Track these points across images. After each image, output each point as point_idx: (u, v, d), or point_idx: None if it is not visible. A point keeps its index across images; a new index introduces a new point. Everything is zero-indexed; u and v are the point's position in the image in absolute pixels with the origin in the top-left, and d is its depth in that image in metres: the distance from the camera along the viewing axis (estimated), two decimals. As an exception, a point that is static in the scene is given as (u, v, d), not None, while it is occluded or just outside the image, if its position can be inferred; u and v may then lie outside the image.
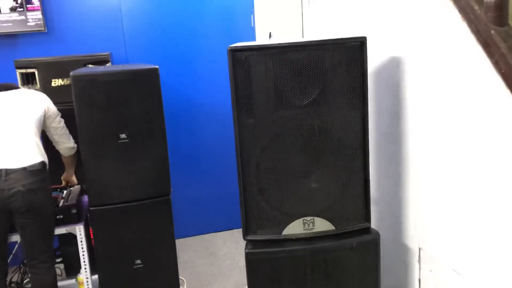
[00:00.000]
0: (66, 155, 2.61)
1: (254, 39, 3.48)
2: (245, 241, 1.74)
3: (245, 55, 1.58)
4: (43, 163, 2.28)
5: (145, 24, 3.33)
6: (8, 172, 2.14)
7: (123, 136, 2.48)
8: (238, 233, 3.71)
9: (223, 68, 3.50)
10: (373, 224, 2.15)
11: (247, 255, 1.70)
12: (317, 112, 1.65)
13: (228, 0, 3.44)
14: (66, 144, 2.57)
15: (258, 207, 1.71)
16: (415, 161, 1.81)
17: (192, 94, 3.49)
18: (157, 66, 2.47)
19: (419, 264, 1.83)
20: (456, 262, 1.61)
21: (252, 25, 3.50)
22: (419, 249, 1.83)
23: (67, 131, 2.57)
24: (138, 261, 2.64)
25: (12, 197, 2.14)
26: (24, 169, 2.18)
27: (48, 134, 2.52)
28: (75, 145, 2.59)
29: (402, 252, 1.95)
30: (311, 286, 1.73)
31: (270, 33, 3.05)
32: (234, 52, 1.60)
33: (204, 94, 3.52)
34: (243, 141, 1.67)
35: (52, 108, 2.49)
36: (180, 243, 3.63)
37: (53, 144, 2.55)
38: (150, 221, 2.63)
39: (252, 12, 3.48)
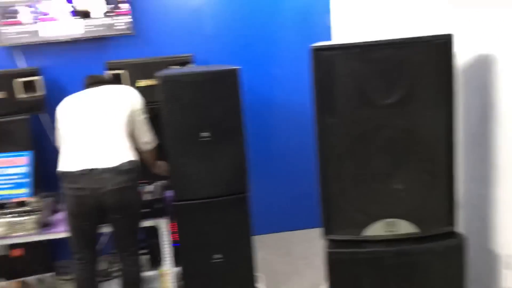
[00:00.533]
0: (143, 149, 2.60)
1: (329, 39, 3.46)
2: (325, 241, 1.75)
3: (329, 54, 1.59)
4: (133, 162, 2.39)
5: (225, 25, 3.42)
6: (101, 171, 2.28)
7: (205, 134, 2.57)
8: (313, 232, 3.70)
9: (299, 68, 3.54)
10: (458, 228, 2.08)
11: (329, 255, 1.71)
12: (401, 112, 1.62)
13: (304, 0, 3.45)
14: (143, 138, 2.58)
15: (339, 207, 1.71)
16: (506, 164, 1.72)
17: (270, 94, 3.54)
18: (238, 67, 2.54)
19: (507, 272, 1.74)
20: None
21: (328, 24, 3.49)
22: (509, 256, 1.74)
23: (148, 127, 2.60)
24: (218, 256, 2.72)
25: (104, 195, 2.28)
26: (116, 168, 2.30)
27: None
28: (153, 142, 2.63)
29: (489, 258, 1.86)
30: (393, 288, 1.70)
31: (347, 33, 3.03)
32: (318, 51, 1.61)
33: (282, 94, 3.56)
34: (324, 141, 1.67)
35: (139, 102, 2.56)
36: (258, 240, 3.70)
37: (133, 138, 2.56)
38: (229, 217, 2.71)
39: (328, 11, 3.47)
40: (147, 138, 2.59)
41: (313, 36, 3.46)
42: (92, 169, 2.27)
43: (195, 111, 2.54)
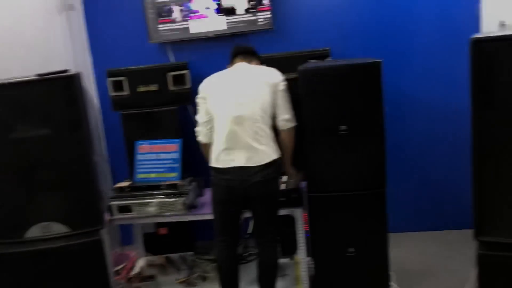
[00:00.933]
0: (281, 128, 2.56)
1: (477, 30, 3.23)
2: (477, 242, 1.66)
3: (493, 46, 1.50)
4: (275, 157, 2.49)
5: (362, 18, 3.38)
6: (250, 168, 2.42)
7: (343, 128, 2.58)
8: (449, 234, 3.53)
9: (442, 62, 3.37)
10: None
11: (480, 258, 1.62)
12: None
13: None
14: (283, 115, 2.54)
15: (495, 208, 1.61)
16: None
17: (410, 89, 3.42)
18: (380, 60, 2.50)
19: None
20: None
21: (477, 14, 3.26)
22: None
23: (288, 104, 2.56)
24: (351, 249, 2.72)
25: (252, 186, 2.43)
26: (264, 164, 2.43)
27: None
28: (293, 120, 2.57)
29: None
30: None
31: (502, 22, 2.80)
32: (480, 43, 1.53)
33: (423, 89, 3.42)
34: (483, 138, 1.58)
35: (281, 80, 2.56)
36: (391, 238, 3.63)
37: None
38: (364, 212, 2.69)
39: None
40: (288, 115, 2.55)
41: (457, 28, 3.28)
42: (243, 167, 2.43)
43: (335, 104, 2.56)
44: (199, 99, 2.61)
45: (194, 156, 2.88)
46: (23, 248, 2.32)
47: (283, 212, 2.71)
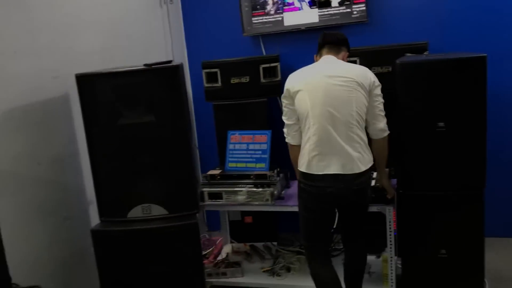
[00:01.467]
0: (375, 137, 2.42)
1: None
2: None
3: None
4: (371, 165, 2.35)
5: (461, 12, 3.22)
6: (345, 176, 2.26)
7: (441, 124, 2.49)
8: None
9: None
10: None
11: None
12: None
13: None
14: (377, 124, 2.38)
15: None
16: None
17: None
18: (484, 54, 2.37)
19: None
20: None
21: None
22: None
23: (383, 112, 2.39)
24: (443, 251, 2.63)
25: (345, 195, 2.30)
26: (359, 172, 2.28)
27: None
28: (387, 128, 2.42)
29: None
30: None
31: None
32: None
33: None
34: None
35: (377, 84, 2.37)
36: (487, 242, 3.46)
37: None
38: (460, 214, 2.58)
39: None
40: (383, 124, 2.39)
41: None
42: (337, 174, 2.27)
43: (433, 100, 2.47)
44: (284, 98, 2.45)
45: (281, 147, 2.91)
46: (126, 227, 2.48)
47: (372, 208, 2.67)
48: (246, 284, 3.02)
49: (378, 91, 2.38)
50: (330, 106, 2.26)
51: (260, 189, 2.83)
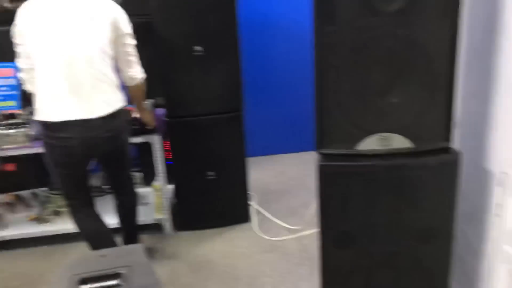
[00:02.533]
0: (128, 84, 2.24)
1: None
2: (318, 154, 1.72)
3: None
4: (121, 105, 2.13)
5: None
6: (92, 120, 2.00)
7: (198, 48, 2.48)
8: (307, 155, 3.72)
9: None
10: (454, 145, 2.05)
11: (320, 168, 1.69)
12: (405, 20, 1.52)
13: None
14: (129, 71, 2.18)
15: (334, 120, 1.66)
16: (507, 81, 1.66)
17: (268, 9, 3.39)
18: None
19: (499, 188, 1.74)
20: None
21: None
22: (502, 173, 1.72)
23: (136, 58, 2.18)
24: (211, 173, 2.73)
25: (97, 143, 2.06)
26: (109, 114, 2.04)
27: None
28: (141, 76, 2.23)
29: (482, 176, 1.85)
30: (384, 203, 1.70)
31: None
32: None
33: (280, 10, 3.41)
34: (322, 51, 1.59)
35: (126, 23, 2.11)
36: (252, 161, 3.72)
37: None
38: (223, 135, 2.69)
39: None
40: (134, 72, 2.19)
41: None
42: (83, 120, 1.99)
43: (188, 25, 2.44)
44: (15, 37, 2.02)
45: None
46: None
47: (139, 139, 2.59)
48: (11, 236, 2.71)
49: (126, 29, 2.11)
50: (68, 43, 1.97)
51: (12, 131, 2.50)
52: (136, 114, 2.50)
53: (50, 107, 2.00)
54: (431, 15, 1.55)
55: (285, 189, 3.26)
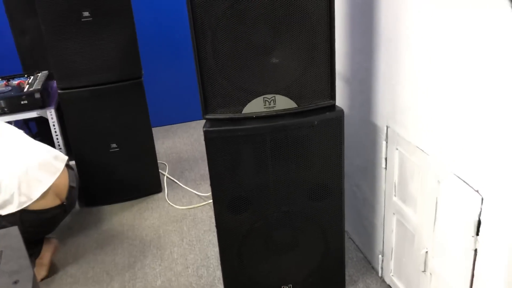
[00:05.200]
0: None
1: None
2: (205, 120, 1.68)
3: None
4: None
5: None
6: None
7: (86, 14, 2.33)
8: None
9: None
10: (345, 103, 2.08)
11: (206, 134, 1.65)
12: (276, -24, 1.48)
13: None
14: None
15: (217, 84, 1.62)
16: (388, 34, 1.67)
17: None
18: None
19: (386, 142, 1.78)
20: (421, 140, 1.56)
21: None
22: (387, 127, 1.76)
23: None
24: (114, 145, 2.63)
25: None
26: None
27: None
28: None
29: (371, 131, 1.89)
30: (273, 164, 1.69)
31: None
32: None
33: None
34: (197, 11, 1.52)
35: None
36: (163, 130, 3.64)
37: None
38: (124, 105, 2.58)
39: None
40: None
41: None
42: None
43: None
44: None
45: None
46: None
47: (31, 114, 2.43)
48: None
49: None
50: None
51: None
52: (25, 88, 2.34)
53: None
54: (305, -30, 1.51)
55: (199, 156, 3.21)
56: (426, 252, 1.61)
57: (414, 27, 1.49)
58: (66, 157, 2.29)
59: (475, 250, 1.35)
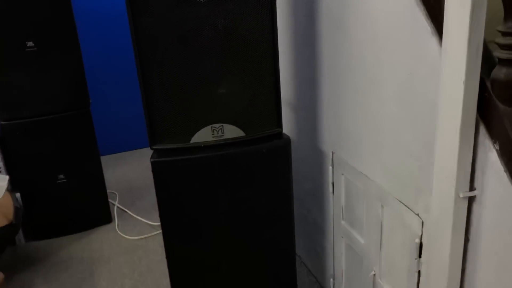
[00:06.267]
0: None
1: None
2: (152, 151, 1.67)
3: None
4: None
5: None
6: None
7: (30, 44, 2.29)
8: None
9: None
10: (293, 130, 2.12)
11: (153, 165, 1.64)
12: (220, 10, 1.51)
13: None
14: None
15: (164, 115, 1.62)
16: (330, 63, 1.73)
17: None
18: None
19: (332, 167, 1.83)
20: (364, 165, 1.61)
21: None
22: (332, 153, 1.81)
23: None
24: (61, 176, 2.56)
25: None
26: None
27: None
28: None
29: (319, 156, 1.94)
30: (222, 193, 1.70)
31: None
32: None
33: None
34: (142, 44, 1.53)
35: None
36: (115, 157, 3.58)
37: None
38: (70, 135, 2.53)
39: None
40: None
41: None
42: None
43: (17, 17, 2.22)
44: None
45: None
46: None
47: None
48: None
49: None
50: None
51: None
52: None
53: None
54: (248, 3, 1.55)
55: (150, 184, 3.13)
56: (374, 274, 1.65)
57: (354, 58, 1.55)
58: (7, 176, 2.23)
59: (419, 272, 1.40)
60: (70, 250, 2.53)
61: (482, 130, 1.08)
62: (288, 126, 2.09)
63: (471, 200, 1.15)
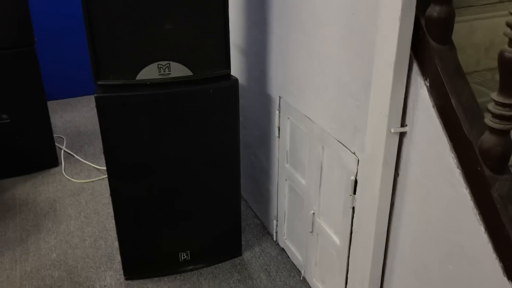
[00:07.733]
0: None
1: None
2: (96, 86, 1.64)
3: None
4: None
5: None
6: None
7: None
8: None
9: None
10: (243, 75, 2.13)
11: (97, 100, 1.61)
12: None
13: None
14: None
15: (110, 50, 1.58)
16: (280, 8, 1.73)
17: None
18: None
19: (279, 112, 1.86)
20: (308, 108, 1.65)
21: None
22: (279, 97, 1.84)
23: None
24: (4, 116, 2.47)
25: None
26: None
27: None
28: None
29: (267, 102, 1.96)
30: (169, 132, 1.70)
31: None
32: None
33: None
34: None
35: None
36: (63, 103, 3.48)
37: None
38: (15, 74, 2.43)
39: None
40: None
41: None
42: None
43: None
44: None
45: None
46: None
47: None
48: None
49: None
50: None
51: None
52: None
53: None
54: None
55: (99, 130, 3.10)
56: (313, 213, 1.73)
57: (303, 2, 1.56)
58: None
59: (353, 208, 1.48)
60: (14, 192, 2.48)
61: (415, 68, 1.12)
62: (237, 71, 2.09)
63: (402, 136, 1.21)
